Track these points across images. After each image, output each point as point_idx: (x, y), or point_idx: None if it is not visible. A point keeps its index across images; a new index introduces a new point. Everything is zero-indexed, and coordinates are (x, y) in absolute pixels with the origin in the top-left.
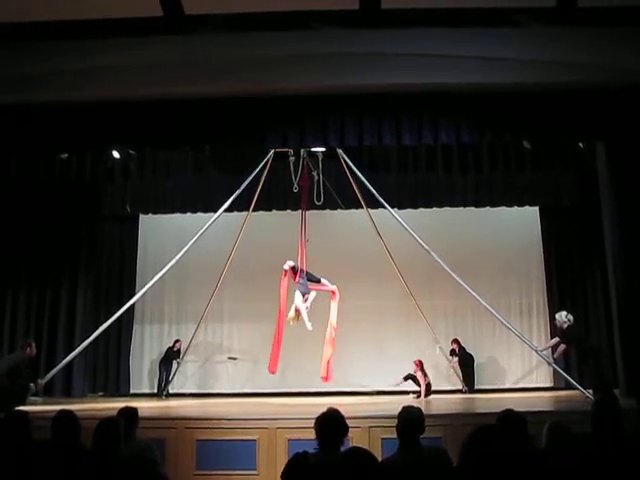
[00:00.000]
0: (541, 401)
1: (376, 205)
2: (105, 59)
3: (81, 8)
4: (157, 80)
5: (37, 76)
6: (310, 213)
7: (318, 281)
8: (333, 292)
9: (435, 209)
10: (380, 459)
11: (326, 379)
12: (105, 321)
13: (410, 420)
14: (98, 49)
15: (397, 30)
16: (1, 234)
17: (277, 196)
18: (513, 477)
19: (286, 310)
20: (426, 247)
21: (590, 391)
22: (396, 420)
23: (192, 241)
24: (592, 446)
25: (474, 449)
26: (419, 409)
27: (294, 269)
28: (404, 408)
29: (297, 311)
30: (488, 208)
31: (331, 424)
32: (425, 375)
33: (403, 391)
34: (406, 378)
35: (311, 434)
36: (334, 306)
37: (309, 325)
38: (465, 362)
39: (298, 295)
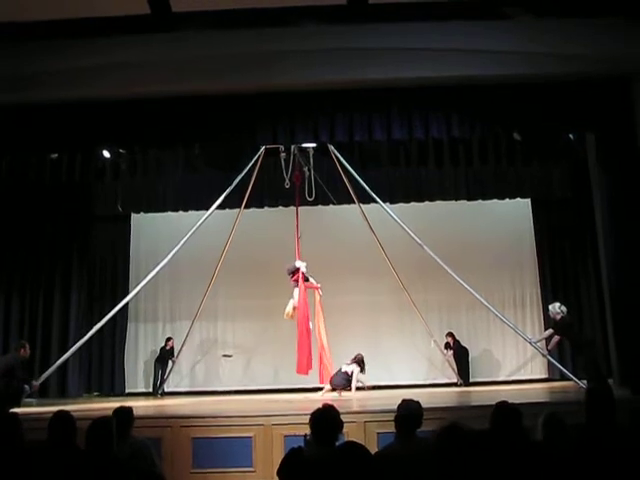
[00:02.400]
0: (536, 392)
1: (368, 200)
2: (92, 58)
3: (66, 7)
4: (145, 78)
5: (25, 76)
6: (302, 209)
7: (307, 280)
8: (317, 288)
9: (427, 203)
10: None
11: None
12: (99, 321)
13: (408, 413)
14: (85, 48)
15: (385, 25)
16: None
17: (269, 193)
18: (510, 469)
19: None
20: (419, 241)
21: (584, 382)
22: (393, 414)
23: (184, 239)
24: (586, 436)
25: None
26: (418, 403)
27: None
28: (404, 401)
29: (295, 308)
30: (480, 201)
31: (326, 420)
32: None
33: (398, 385)
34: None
35: (307, 430)
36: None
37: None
38: (460, 355)
39: (297, 293)
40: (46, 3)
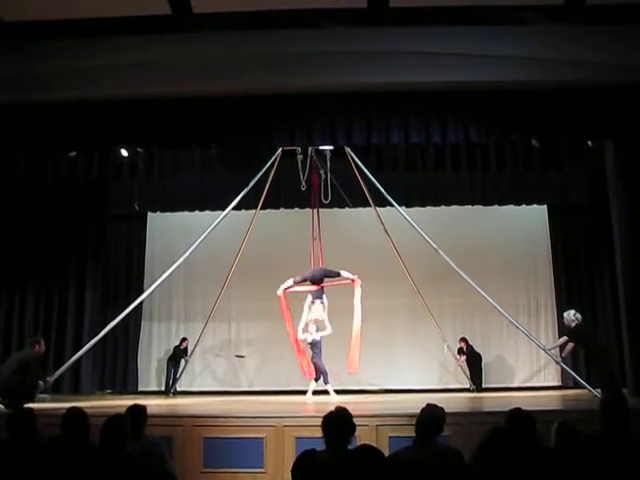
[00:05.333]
0: (549, 400)
1: (384, 203)
2: (113, 57)
3: (90, 7)
4: (165, 78)
5: (46, 75)
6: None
7: (337, 275)
8: (353, 281)
9: (443, 207)
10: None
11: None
12: (113, 319)
13: (431, 419)
14: (107, 48)
15: (405, 28)
16: (10, 233)
17: (285, 194)
18: (523, 475)
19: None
20: (434, 245)
21: (598, 390)
22: (405, 418)
23: (200, 239)
24: (600, 445)
25: (488, 450)
26: (442, 409)
27: (311, 280)
28: (428, 405)
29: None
30: (496, 206)
31: (338, 423)
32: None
33: (410, 389)
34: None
35: (319, 432)
36: (357, 302)
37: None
38: (473, 361)
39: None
40: (69, 3)
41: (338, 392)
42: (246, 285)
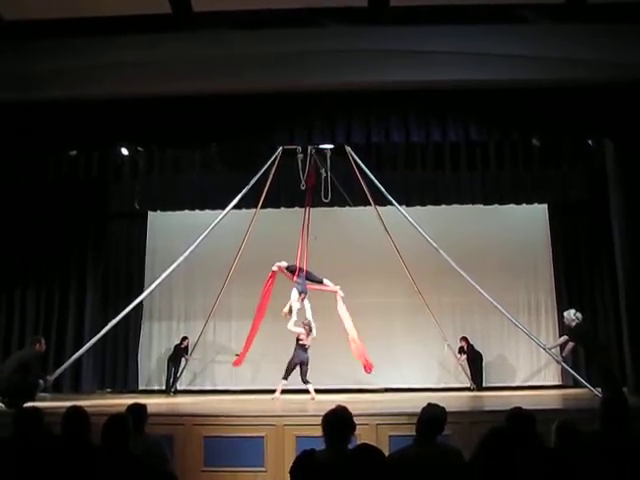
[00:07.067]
0: (549, 399)
1: (384, 202)
2: (114, 56)
3: (90, 5)
4: (165, 77)
5: (46, 74)
6: (318, 210)
7: (320, 282)
8: (335, 292)
9: (443, 206)
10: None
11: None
12: (114, 317)
13: (433, 418)
14: (107, 46)
15: (405, 27)
16: (10, 232)
17: (285, 193)
18: (523, 474)
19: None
20: (434, 245)
21: (598, 389)
22: (405, 417)
23: (200, 238)
24: (600, 444)
25: (488, 448)
26: (444, 408)
27: (288, 268)
28: (429, 405)
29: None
30: (496, 205)
31: (338, 422)
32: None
33: (411, 388)
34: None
35: (319, 431)
36: (343, 311)
37: (291, 324)
38: (473, 360)
39: (295, 293)
40: (68, 2)
41: (338, 391)
42: (246, 284)
